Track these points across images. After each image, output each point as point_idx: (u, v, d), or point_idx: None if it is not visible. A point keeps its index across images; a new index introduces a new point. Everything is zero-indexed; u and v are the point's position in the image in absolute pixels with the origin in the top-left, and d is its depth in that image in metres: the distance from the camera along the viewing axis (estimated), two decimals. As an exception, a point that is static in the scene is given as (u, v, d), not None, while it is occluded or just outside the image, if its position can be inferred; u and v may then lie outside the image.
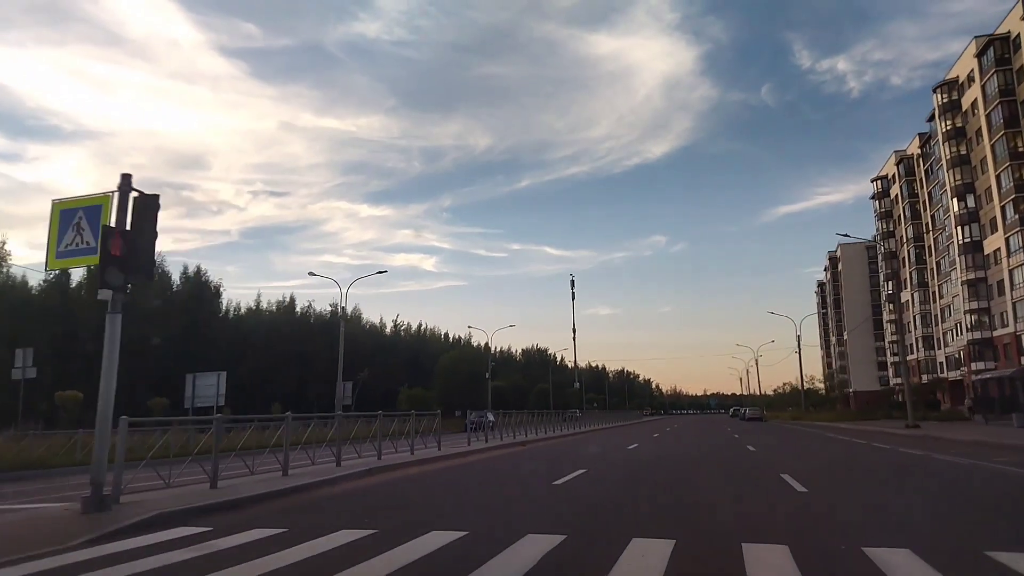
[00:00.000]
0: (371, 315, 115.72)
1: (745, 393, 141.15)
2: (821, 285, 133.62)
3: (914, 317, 71.85)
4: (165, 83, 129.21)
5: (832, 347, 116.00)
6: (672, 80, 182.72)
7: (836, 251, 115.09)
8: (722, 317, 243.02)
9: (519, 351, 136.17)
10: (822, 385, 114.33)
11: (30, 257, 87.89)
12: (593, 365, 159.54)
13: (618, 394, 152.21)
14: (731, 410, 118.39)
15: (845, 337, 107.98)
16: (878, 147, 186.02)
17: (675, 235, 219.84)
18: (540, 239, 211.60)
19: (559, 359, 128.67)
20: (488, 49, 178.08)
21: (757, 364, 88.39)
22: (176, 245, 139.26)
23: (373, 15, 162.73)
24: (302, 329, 74.41)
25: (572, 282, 77.58)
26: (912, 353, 73.28)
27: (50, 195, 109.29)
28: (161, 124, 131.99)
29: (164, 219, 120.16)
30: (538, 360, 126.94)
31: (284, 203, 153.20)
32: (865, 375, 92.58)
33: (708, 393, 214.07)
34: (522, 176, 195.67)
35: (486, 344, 66.75)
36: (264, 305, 79.73)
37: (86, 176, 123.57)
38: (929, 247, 68.58)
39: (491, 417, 31.20)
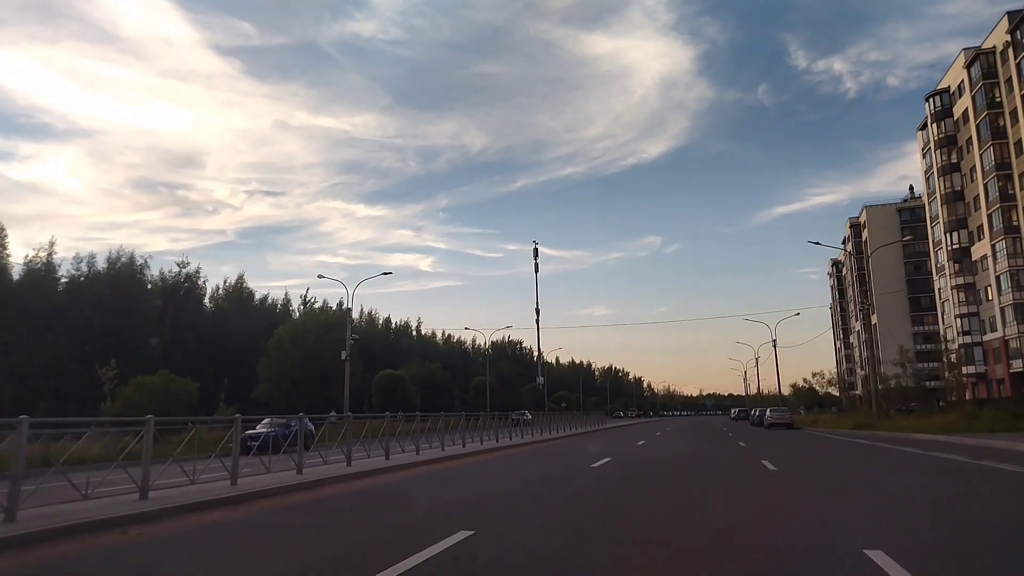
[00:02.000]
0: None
1: (752, 392, 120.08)
2: (836, 264, 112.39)
3: (997, 278, 50.14)
4: (159, 81, 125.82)
5: (857, 335, 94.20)
6: (668, 80, 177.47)
7: (860, 217, 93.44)
8: (718, 317, 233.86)
9: (487, 343, 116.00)
10: (834, 381, 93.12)
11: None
12: (578, 362, 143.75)
13: (602, 393, 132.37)
14: (733, 411, 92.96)
15: (874, 322, 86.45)
16: (873, 148, 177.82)
17: (670, 236, 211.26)
18: (535, 239, 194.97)
19: (536, 353, 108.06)
20: (483, 48, 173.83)
21: (775, 348, 65.90)
22: (171, 245, 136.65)
23: (368, 14, 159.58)
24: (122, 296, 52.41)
25: (536, 251, 57.86)
26: (994, 330, 51.59)
27: (44, 194, 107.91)
28: (155, 123, 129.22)
29: (159, 219, 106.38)
30: (510, 354, 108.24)
31: (280, 203, 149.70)
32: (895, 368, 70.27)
33: (704, 394, 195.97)
34: (517, 176, 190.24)
35: (347, 307, 44.71)
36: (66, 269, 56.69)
37: (80, 175, 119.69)
38: (1022, 174, 47.00)
39: (310, 426, 18.07)
